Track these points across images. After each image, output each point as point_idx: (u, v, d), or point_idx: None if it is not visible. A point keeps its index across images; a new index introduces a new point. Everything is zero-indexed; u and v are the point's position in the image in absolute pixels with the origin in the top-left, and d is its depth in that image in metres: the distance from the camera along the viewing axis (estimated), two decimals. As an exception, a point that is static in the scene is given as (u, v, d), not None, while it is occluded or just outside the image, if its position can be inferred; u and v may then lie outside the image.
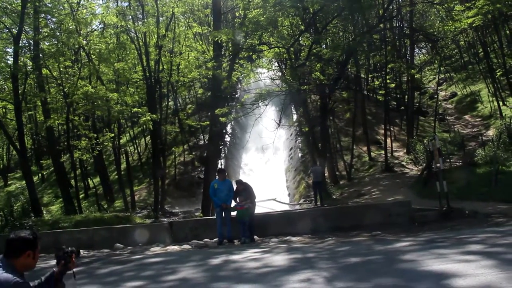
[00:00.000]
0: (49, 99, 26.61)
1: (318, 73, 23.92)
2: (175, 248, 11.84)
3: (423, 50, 47.75)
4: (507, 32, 35.70)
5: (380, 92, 37.65)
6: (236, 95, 41.98)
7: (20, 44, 23.41)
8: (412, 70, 29.86)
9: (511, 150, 20.96)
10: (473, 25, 24.68)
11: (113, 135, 29.26)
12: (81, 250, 12.59)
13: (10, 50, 26.91)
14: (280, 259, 8.57)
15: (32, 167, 39.53)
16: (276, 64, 35.41)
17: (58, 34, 24.05)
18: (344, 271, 6.85)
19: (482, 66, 39.90)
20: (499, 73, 35.10)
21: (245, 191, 12.56)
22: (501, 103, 31.52)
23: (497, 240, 8.50)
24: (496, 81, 33.76)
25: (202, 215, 22.09)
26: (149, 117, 24.86)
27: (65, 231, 14.97)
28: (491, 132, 30.07)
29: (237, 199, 12.43)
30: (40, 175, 42.62)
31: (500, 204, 14.30)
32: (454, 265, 6.36)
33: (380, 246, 9.05)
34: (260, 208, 24.03)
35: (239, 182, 13.09)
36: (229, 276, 7.53)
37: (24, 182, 25.41)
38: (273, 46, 25.14)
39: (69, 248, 3.22)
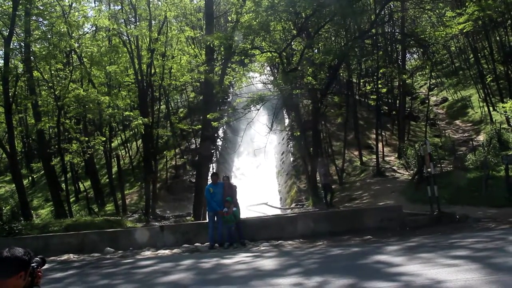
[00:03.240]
0: (40, 102, 26.43)
1: (310, 77, 23.96)
2: (166, 252, 11.80)
3: (415, 55, 48.06)
4: (497, 38, 36.04)
5: (371, 97, 37.78)
6: (228, 99, 41.95)
7: (11, 46, 23.24)
8: (404, 75, 30.01)
9: (501, 155, 21.10)
10: (464, 31, 24.84)
11: (104, 138, 29.10)
12: (71, 255, 12.53)
13: (0, 52, 26.80)
14: (271, 263, 8.58)
15: (22, 170, 39.26)
16: (268, 68, 35.48)
17: (49, 36, 23.90)
18: (334, 275, 6.86)
19: (472, 71, 40.21)
20: (489, 79, 35.38)
21: (231, 192, 12.65)
22: (491, 109, 31.75)
23: (485, 244, 8.56)
24: (487, 87, 34.02)
25: (193, 219, 22.01)
26: (140, 121, 24.76)
27: (55, 235, 14.86)
28: (481, 137, 30.25)
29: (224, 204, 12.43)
30: (30, 178, 42.36)
31: (490, 209, 14.40)
32: (440, 269, 6.41)
33: (370, 251, 9.07)
34: (252, 212, 24.04)
35: (227, 178, 13.67)
36: (220, 279, 7.52)
37: (14, 185, 25.24)
38: (265, 50, 25.15)
39: (34, 262, 2.88)
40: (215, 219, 12.38)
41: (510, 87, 32.49)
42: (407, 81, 33.62)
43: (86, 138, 27.23)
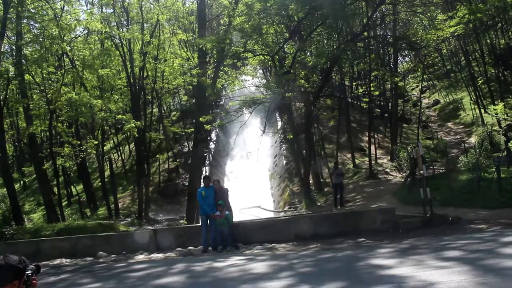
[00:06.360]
0: (31, 105, 26.27)
1: (303, 80, 24.02)
2: (160, 256, 11.77)
3: (407, 58, 48.32)
4: (488, 41, 36.31)
5: (364, 99, 37.96)
6: (221, 102, 41.96)
7: (2, 50, 23.11)
8: (396, 78, 30.14)
9: (492, 157, 21.23)
10: (455, 34, 25.01)
11: (96, 142, 29.01)
12: (63, 259, 12.46)
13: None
14: (263, 267, 8.58)
15: (14, 174, 39.02)
16: (261, 71, 35.51)
17: (41, 39, 23.79)
18: (326, 278, 6.86)
19: (464, 74, 40.49)
20: (480, 81, 35.64)
21: (222, 195, 12.64)
22: (482, 111, 31.96)
23: (477, 246, 8.60)
24: (478, 89, 34.26)
25: (186, 223, 21.96)
26: (133, 124, 24.72)
27: (47, 240, 14.76)
28: (473, 139, 30.45)
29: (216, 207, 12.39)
30: (22, 182, 42.06)
31: (482, 210, 14.47)
32: (433, 271, 6.43)
33: (362, 253, 9.08)
34: (245, 215, 24.01)
35: (217, 182, 13.58)
36: (211, 283, 7.52)
37: (5, 189, 25.05)
38: (258, 53, 25.19)
39: (29, 270, 2.81)
40: (208, 222, 12.35)
41: (501, 90, 32.74)
42: (399, 84, 33.76)
43: (78, 142, 27.13)
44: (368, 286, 6.17)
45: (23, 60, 23.65)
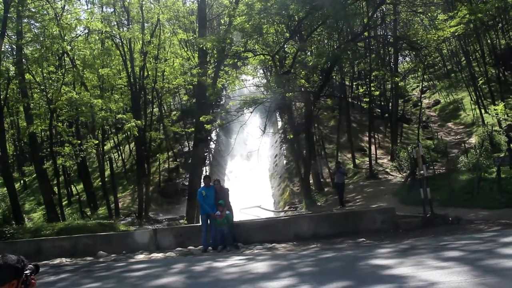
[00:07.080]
0: (32, 104, 26.27)
1: (303, 80, 24.00)
2: (160, 255, 11.77)
3: (407, 58, 48.28)
4: (489, 41, 36.29)
5: (364, 99, 37.91)
6: (221, 102, 41.96)
7: (3, 49, 23.08)
8: (396, 78, 30.11)
9: (493, 157, 21.21)
10: (456, 34, 25.00)
11: (97, 141, 29.00)
12: (63, 259, 12.46)
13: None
14: (263, 266, 8.58)
15: (14, 173, 39.01)
16: (261, 71, 35.48)
17: (41, 39, 23.78)
18: (326, 278, 6.86)
19: (464, 74, 40.46)
20: (481, 82, 35.61)
21: (223, 195, 12.65)
22: (483, 111, 31.94)
23: (477, 246, 8.60)
24: (478, 89, 34.24)
25: (186, 223, 21.96)
26: (133, 124, 24.70)
27: (47, 239, 14.76)
28: (473, 140, 30.42)
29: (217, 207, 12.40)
30: (22, 181, 42.06)
31: (483, 211, 14.46)
32: (433, 271, 6.43)
33: (362, 253, 9.08)
34: (245, 215, 24.01)
35: (218, 181, 13.59)
36: (211, 283, 7.52)
37: (5, 189, 25.06)
38: (258, 53, 25.18)
39: (27, 270, 2.79)
40: (208, 222, 12.36)
41: (502, 90, 32.73)
42: (399, 84, 33.72)
43: (79, 141, 27.12)
44: (368, 286, 6.17)
45: (23, 60, 23.66)
